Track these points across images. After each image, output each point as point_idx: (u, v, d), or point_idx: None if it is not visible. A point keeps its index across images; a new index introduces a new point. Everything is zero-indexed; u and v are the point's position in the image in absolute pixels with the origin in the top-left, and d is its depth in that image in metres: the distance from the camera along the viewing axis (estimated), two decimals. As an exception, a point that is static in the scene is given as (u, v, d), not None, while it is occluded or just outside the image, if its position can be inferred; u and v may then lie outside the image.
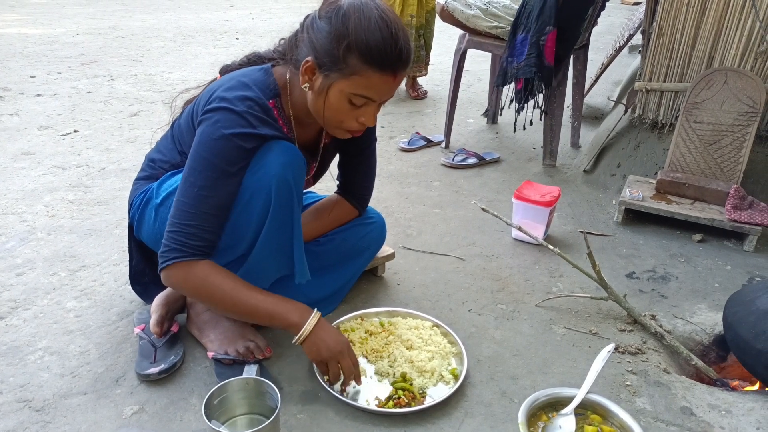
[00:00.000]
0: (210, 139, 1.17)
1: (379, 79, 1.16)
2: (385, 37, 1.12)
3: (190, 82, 4.03)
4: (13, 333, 1.49)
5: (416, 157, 2.87)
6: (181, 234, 1.18)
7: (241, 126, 1.17)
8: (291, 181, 1.23)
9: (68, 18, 6.65)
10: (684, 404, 1.32)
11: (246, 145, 1.19)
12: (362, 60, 1.13)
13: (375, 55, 1.13)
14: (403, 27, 1.18)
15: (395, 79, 1.19)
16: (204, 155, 1.18)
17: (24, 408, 1.25)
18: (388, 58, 1.14)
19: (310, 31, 1.19)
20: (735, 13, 2.13)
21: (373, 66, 1.14)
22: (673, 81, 2.34)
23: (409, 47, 1.18)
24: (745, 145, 2.13)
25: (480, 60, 4.46)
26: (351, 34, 1.12)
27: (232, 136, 1.17)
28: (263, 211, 1.23)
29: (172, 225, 1.20)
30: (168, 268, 1.20)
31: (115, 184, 2.41)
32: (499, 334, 1.55)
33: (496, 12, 2.61)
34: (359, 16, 1.13)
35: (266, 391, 1.16)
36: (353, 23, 1.12)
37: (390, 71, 1.16)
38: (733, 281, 1.85)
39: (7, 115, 3.24)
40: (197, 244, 1.19)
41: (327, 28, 1.15)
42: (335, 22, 1.14)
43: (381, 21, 1.13)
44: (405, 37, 1.17)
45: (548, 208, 1.97)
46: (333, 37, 1.14)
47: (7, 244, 1.91)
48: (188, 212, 1.18)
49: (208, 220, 1.19)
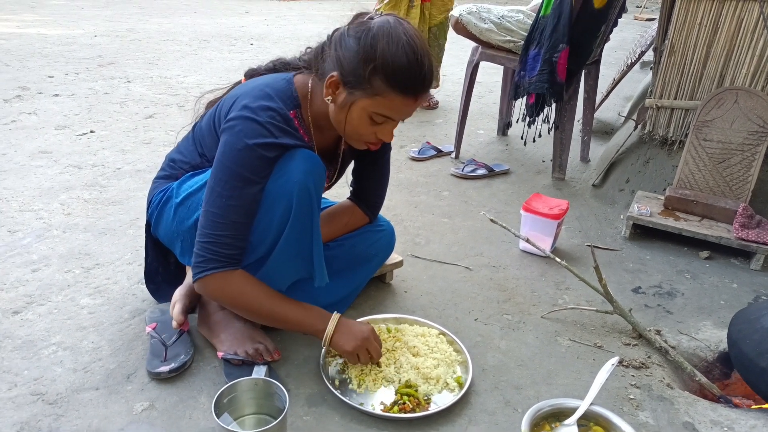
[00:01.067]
0: (234, 149, 1.21)
1: (401, 102, 1.20)
2: (411, 63, 1.16)
3: (204, 86, 4.09)
4: (28, 327, 1.52)
5: (426, 167, 2.90)
6: (216, 244, 1.22)
7: (263, 136, 1.21)
8: (312, 188, 1.26)
9: (86, 20, 6.76)
10: (686, 419, 1.33)
11: (269, 155, 1.22)
12: (387, 83, 1.17)
13: (400, 79, 1.17)
14: (428, 52, 1.21)
15: (416, 102, 1.23)
16: (228, 165, 1.21)
17: (37, 401, 1.28)
18: (412, 84, 1.18)
19: (338, 48, 1.22)
20: (747, 32, 2.15)
21: (397, 89, 1.18)
22: (684, 99, 2.36)
23: (432, 72, 1.22)
24: (755, 164, 2.14)
25: (492, 72, 4.49)
26: (378, 58, 1.15)
27: (256, 146, 1.20)
28: (284, 216, 1.26)
29: (204, 235, 1.23)
30: (205, 279, 1.25)
31: (129, 184, 2.45)
32: (505, 344, 1.57)
33: (509, 26, 2.64)
34: (388, 40, 1.16)
35: (275, 392, 1.18)
36: (381, 47, 1.16)
37: (412, 95, 1.20)
38: (739, 299, 1.85)
39: (26, 114, 3.30)
40: (231, 252, 1.24)
41: (355, 48, 1.18)
42: (364, 43, 1.17)
43: (408, 47, 1.16)
44: (429, 63, 1.21)
45: (556, 221, 1.99)
46: (360, 58, 1.17)
47: (23, 241, 1.95)
48: (219, 222, 1.22)
49: (238, 229, 1.23)
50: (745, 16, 2.13)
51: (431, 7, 3.63)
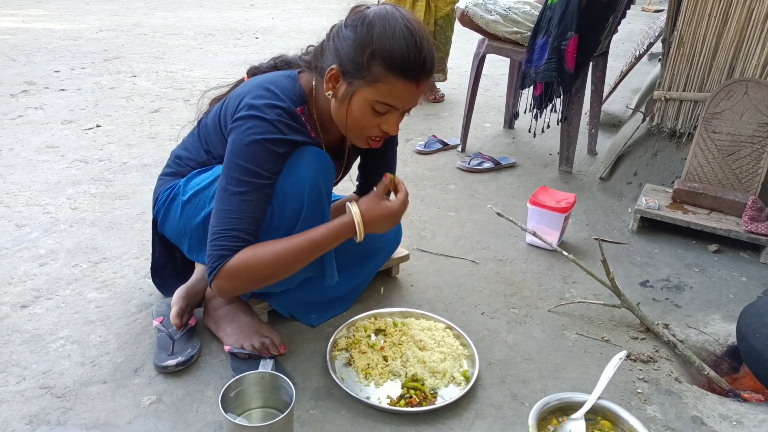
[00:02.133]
0: (242, 145, 1.19)
1: (402, 87, 1.18)
2: (409, 46, 1.14)
3: (210, 80, 4.09)
4: (36, 321, 1.53)
5: (432, 160, 2.89)
6: (223, 238, 1.19)
7: (272, 132, 1.20)
8: (322, 186, 1.26)
9: (92, 14, 6.76)
10: (695, 413, 1.32)
11: (279, 150, 1.21)
12: (386, 67, 1.15)
13: (398, 62, 1.14)
14: (428, 36, 1.19)
15: (418, 88, 1.20)
16: (238, 162, 1.19)
17: (46, 394, 1.29)
18: (411, 66, 1.15)
19: (336, 40, 1.21)
20: (758, 23, 2.12)
21: (396, 73, 1.15)
22: (693, 90, 2.33)
23: (432, 56, 1.19)
24: (764, 157, 2.12)
25: (498, 65, 4.46)
26: (375, 42, 1.14)
27: (264, 141, 1.19)
28: (295, 214, 1.25)
29: (213, 234, 1.20)
30: (218, 274, 1.20)
31: (136, 179, 2.45)
32: (511, 338, 1.56)
33: (515, 18, 2.62)
34: (384, 24, 1.15)
35: (281, 385, 1.18)
36: (378, 31, 1.14)
37: (413, 79, 1.17)
38: (748, 293, 1.84)
39: (32, 108, 3.31)
40: (239, 245, 1.20)
41: (352, 36, 1.17)
42: (360, 30, 1.16)
43: (406, 30, 1.15)
44: (429, 47, 1.18)
45: (563, 215, 1.98)
46: (357, 45, 1.16)
47: (30, 235, 1.96)
48: (230, 218, 1.19)
49: (249, 224, 1.20)
50: (755, 6, 2.10)
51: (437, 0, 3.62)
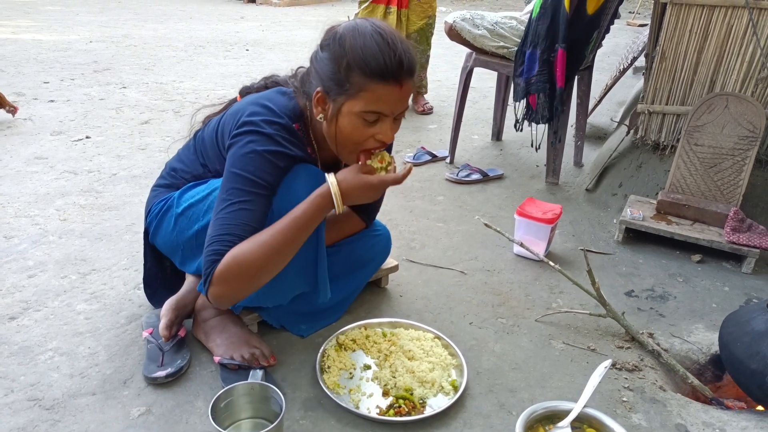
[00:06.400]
0: (241, 156, 1.21)
1: (384, 91, 1.19)
2: (382, 49, 1.16)
3: (200, 92, 4.10)
4: (25, 333, 1.52)
5: (421, 172, 2.91)
6: (217, 243, 1.20)
7: (271, 145, 1.22)
8: None
9: (82, 25, 6.75)
10: (679, 421, 1.34)
11: (278, 163, 1.23)
12: (364, 75, 1.17)
13: (374, 67, 1.16)
14: (402, 38, 1.21)
15: (402, 89, 1.21)
16: (236, 171, 1.21)
17: (34, 406, 1.28)
18: (388, 69, 1.17)
19: (315, 63, 1.24)
20: (737, 40, 2.18)
21: (376, 79, 1.17)
22: (675, 104, 2.38)
23: (410, 55, 1.20)
24: (745, 169, 2.17)
25: (486, 78, 4.51)
26: (348, 53, 1.16)
27: (264, 153, 1.21)
28: None
29: (208, 241, 1.21)
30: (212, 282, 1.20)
31: (125, 190, 2.45)
32: (499, 347, 1.58)
33: (502, 33, 2.67)
34: (354, 34, 1.18)
35: (271, 396, 1.19)
36: (349, 42, 1.17)
37: (393, 81, 1.18)
38: (730, 302, 1.87)
39: (21, 119, 3.30)
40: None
41: (327, 55, 1.20)
42: (333, 46, 1.19)
43: (376, 34, 1.17)
44: (404, 46, 1.19)
45: (550, 225, 2.01)
46: (333, 61, 1.19)
47: (19, 246, 1.95)
48: (225, 224, 1.20)
49: (245, 230, 1.20)
50: (734, 23, 2.16)
51: (410, 13, 3.60)
